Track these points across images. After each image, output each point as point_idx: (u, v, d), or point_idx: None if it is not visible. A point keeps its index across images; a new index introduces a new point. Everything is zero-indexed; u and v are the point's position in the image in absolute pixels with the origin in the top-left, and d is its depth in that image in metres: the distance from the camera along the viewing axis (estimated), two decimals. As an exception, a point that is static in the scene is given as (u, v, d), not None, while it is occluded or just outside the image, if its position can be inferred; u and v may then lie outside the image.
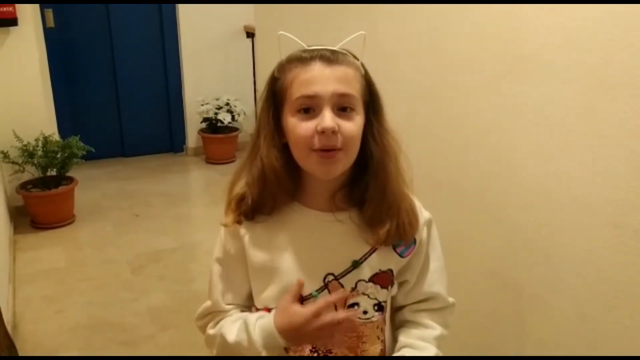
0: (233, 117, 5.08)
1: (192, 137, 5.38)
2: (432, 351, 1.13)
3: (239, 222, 1.09)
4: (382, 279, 1.10)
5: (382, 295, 1.11)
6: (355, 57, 1.05)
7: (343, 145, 0.99)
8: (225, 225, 1.12)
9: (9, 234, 3.58)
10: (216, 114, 5.04)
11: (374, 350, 1.14)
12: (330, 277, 1.07)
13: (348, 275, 1.07)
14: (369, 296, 1.09)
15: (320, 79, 0.99)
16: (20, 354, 2.49)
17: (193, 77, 5.25)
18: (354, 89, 1.01)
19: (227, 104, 5.09)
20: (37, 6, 4.13)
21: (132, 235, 3.81)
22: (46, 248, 3.62)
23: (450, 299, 1.21)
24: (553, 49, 1.30)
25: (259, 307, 1.13)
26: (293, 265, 1.07)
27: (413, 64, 1.78)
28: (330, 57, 1.01)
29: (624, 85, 1.15)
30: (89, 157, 4.05)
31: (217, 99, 5.12)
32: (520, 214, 1.47)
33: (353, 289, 1.08)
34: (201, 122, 5.20)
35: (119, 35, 5.05)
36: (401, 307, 1.20)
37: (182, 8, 5.06)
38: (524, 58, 1.39)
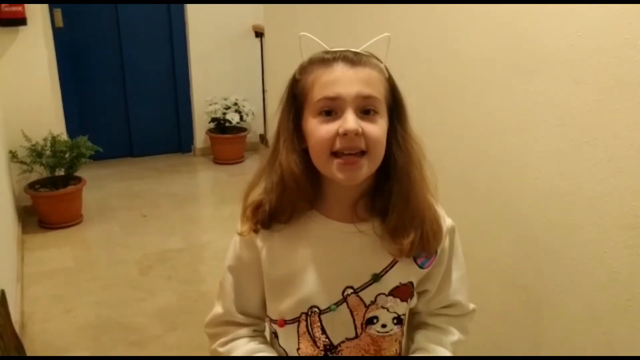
0: (241, 117, 5.08)
1: (200, 137, 5.38)
2: (446, 355, 1.11)
3: (255, 231, 1.04)
4: (402, 292, 1.06)
5: (402, 308, 1.08)
6: (379, 59, 1.01)
7: (367, 148, 0.95)
8: (240, 234, 1.07)
9: (17, 233, 3.59)
10: (224, 114, 5.04)
11: None
12: (350, 291, 1.03)
13: (368, 289, 1.03)
14: (388, 310, 1.05)
15: (343, 81, 0.95)
16: (28, 353, 2.49)
17: (201, 77, 5.25)
18: (378, 92, 0.97)
19: (236, 104, 5.09)
20: (46, 6, 4.14)
21: (140, 235, 3.81)
22: (54, 248, 3.62)
23: (471, 306, 1.18)
24: (567, 48, 1.29)
25: (273, 317, 1.10)
26: (312, 278, 1.03)
27: (424, 63, 1.77)
28: (354, 59, 0.97)
29: (639, 84, 1.13)
30: (97, 157, 4.05)
31: (226, 99, 5.11)
32: (532, 215, 1.45)
33: (372, 303, 1.04)
34: (209, 122, 5.19)
35: (127, 35, 5.05)
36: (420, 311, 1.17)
37: (190, 8, 5.06)
38: (537, 57, 1.37)
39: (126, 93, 5.18)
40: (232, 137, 5.14)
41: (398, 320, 1.08)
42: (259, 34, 5.11)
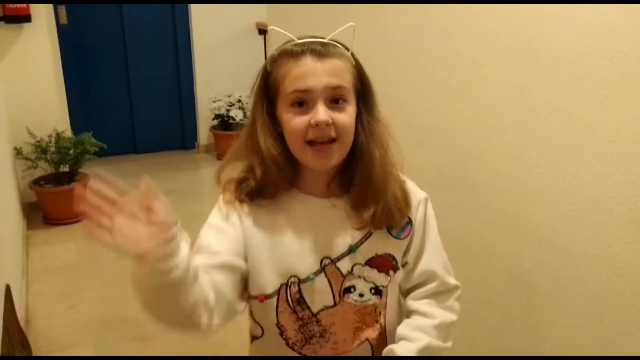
0: (245, 114, 5.08)
1: (204, 134, 5.39)
2: (424, 341, 1.10)
3: (240, 201, 1.10)
4: (380, 262, 1.11)
5: (381, 279, 1.12)
6: (346, 47, 1.06)
7: (337, 135, 1.02)
8: (228, 202, 1.11)
9: (22, 229, 3.60)
10: (228, 110, 5.05)
11: (372, 333, 1.15)
12: (327, 261, 1.09)
13: (344, 259, 1.09)
14: (365, 279, 1.11)
15: (313, 74, 1.01)
16: (33, 349, 2.51)
17: (205, 74, 5.25)
18: (346, 81, 1.04)
19: (239, 101, 5.09)
20: (50, 3, 4.15)
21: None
22: (58, 244, 3.63)
23: (452, 281, 1.18)
24: (569, 43, 1.29)
25: (253, 293, 1.11)
26: (292, 249, 1.09)
27: (425, 60, 1.77)
28: (321, 51, 1.03)
29: (642, 80, 1.13)
30: (101, 154, 4.07)
31: (229, 96, 5.12)
32: (535, 212, 1.46)
33: (349, 272, 1.10)
34: (213, 119, 5.20)
35: (131, 33, 5.06)
36: (406, 296, 1.19)
37: (194, 5, 5.07)
38: (539, 53, 1.37)
39: (130, 90, 5.19)
40: (235, 133, 5.10)
41: (376, 291, 1.12)
42: (263, 31, 5.11)
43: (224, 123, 5.12)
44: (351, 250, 1.09)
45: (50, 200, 3.87)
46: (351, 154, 1.08)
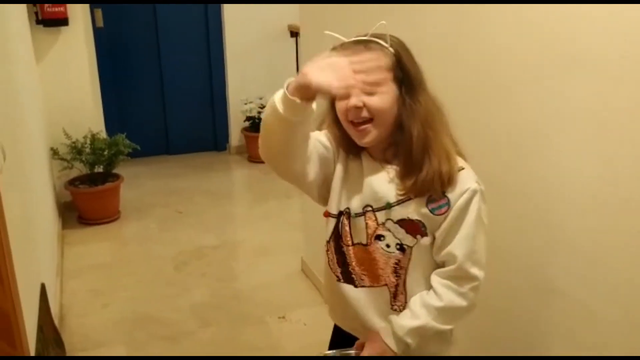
0: (276, 116, 5.10)
1: (235, 136, 5.43)
2: (421, 321, 1.27)
3: (337, 145, 1.36)
4: (409, 226, 1.28)
5: (408, 240, 1.29)
6: (385, 42, 1.25)
7: (372, 116, 1.22)
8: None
9: (57, 228, 3.68)
10: (259, 112, 5.07)
11: (388, 278, 1.33)
12: (369, 208, 1.31)
13: (381, 212, 1.30)
14: (393, 234, 1.29)
15: None
16: (67, 346, 2.55)
17: (237, 76, 5.29)
18: (379, 71, 1.22)
19: (271, 103, 5.11)
20: (87, 6, 4.23)
21: (175, 232, 3.86)
22: (93, 243, 3.70)
23: (473, 271, 1.26)
24: (605, 45, 1.26)
25: (326, 209, 1.39)
26: (351, 190, 1.34)
27: (457, 63, 1.75)
28: (367, 44, 1.25)
29: (683, 85, 1.10)
30: (134, 155, 4.13)
31: (261, 98, 5.14)
32: (567, 218, 1.43)
33: (382, 224, 1.30)
34: (244, 121, 5.24)
35: (165, 35, 5.13)
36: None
37: (227, 8, 5.11)
38: (573, 55, 1.34)
39: (163, 92, 5.26)
40: (267, 135, 5.16)
41: (401, 248, 1.30)
42: (295, 33, 5.12)
43: (255, 125, 5.14)
44: (387, 207, 1.28)
45: (85, 200, 3.95)
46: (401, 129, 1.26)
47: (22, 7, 3.52)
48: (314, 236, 3.14)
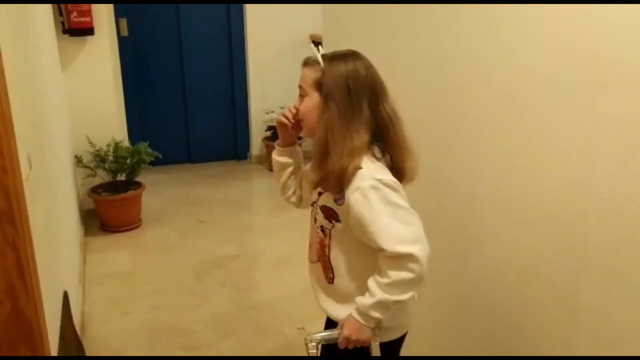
0: (297, 126, 5.11)
1: (256, 145, 5.44)
2: (377, 296, 1.44)
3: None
4: (327, 212, 1.52)
5: (326, 223, 1.54)
6: (319, 62, 1.49)
7: (301, 116, 1.54)
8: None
9: (80, 235, 3.70)
10: (280, 122, 5.07)
11: (320, 255, 1.59)
12: (316, 197, 1.57)
13: (316, 199, 1.57)
14: (320, 218, 1.55)
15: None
16: (87, 354, 2.56)
17: (259, 86, 5.31)
18: (305, 83, 1.51)
19: (293, 113, 5.12)
20: (112, 15, 4.28)
21: (195, 240, 3.87)
22: (114, 251, 3.72)
23: (403, 249, 1.40)
24: (637, 63, 1.23)
25: None
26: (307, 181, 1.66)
27: (484, 77, 1.73)
28: (306, 62, 1.54)
29: None
30: (156, 163, 4.15)
31: (282, 108, 5.13)
32: (596, 238, 1.39)
33: (316, 209, 1.57)
34: (266, 131, 5.25)
35: (188, 45, 5.17)
36: None
37: (249, 18, 5.14)
38: (605, 72, 1.32)
39: (186, 101, 5.29)
40: (288, 145, 5.16)
41: (322, 229, 1.56)
42: (317, 43, 5.12)
43: (276, 135, 5.12)
44: (319, 195, 1.55)
45: (107, 207, 3.97)
46: None
47: (50, 17, 3.57)
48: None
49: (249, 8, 5.13)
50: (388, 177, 1.44)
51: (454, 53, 1.84)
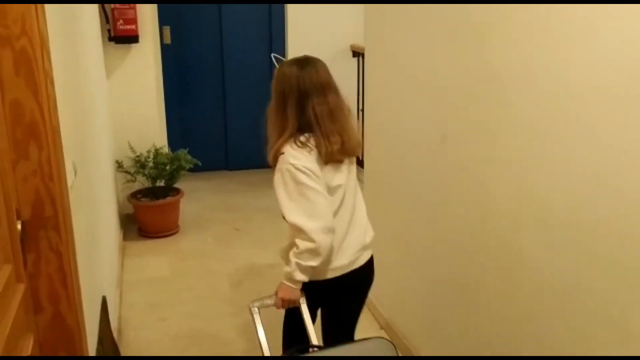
0: (335, 136, 5.08)
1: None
2: (292, 265, 1.81)
3: None
4: None
5: None
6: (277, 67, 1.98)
7: None
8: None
9: (119, 240, 3.75)
10: (319, 131, 5.06)
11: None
12: None
13: None
14: None
15: None
16: None
17: (298, 95, 5.30)
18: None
19: (330, 123, 5.10)
20: (156, 23, 4.34)
21: (232, 248, 3.87)
22: (152, 256, 3.75)
23: (297, 222, 1.77)
24: None
25: None
26: None
27: (531, 90, 1.68)
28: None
29: None
30: (194, 169, 4.18)
31: (321, 117, 5.14)
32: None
33: None
34: (304, 139, 5.24)
35: (229, 53, 5.21)
36: None
37: (291, 27, 5.15)
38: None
39: (225, 108, 5.33)
40: (325, 154, 5.15)
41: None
42: (357, 53, 5.12)
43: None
44: None
45: (146, 213, 4.02)
46: None
47: (97, 25, 3.63)
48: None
49: (290, 17, 5.14)
50: (301, 162, 1.79)
51: (501, 65, 1.80)
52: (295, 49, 5.20)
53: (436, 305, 2.38)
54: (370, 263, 2.04)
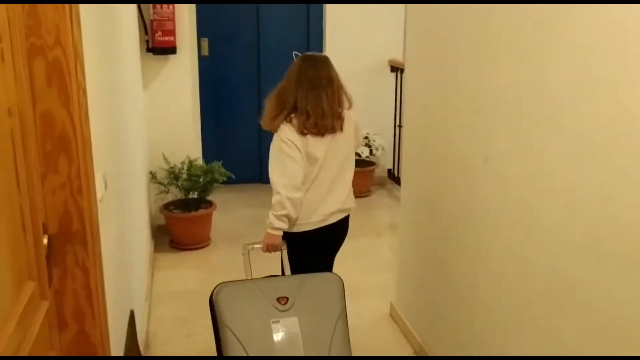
0: (371, 151, 5.02)
1: (328, 169, 5.37)
2: (270, 216, 2.42)
3: None
4: None
5: None
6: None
7: None
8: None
9: (150, 251, 3.73)
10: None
11: None
12: None
13: None
14: None
15: None
16: (150, 375, 2.53)
17: (334, 109, 5.25)
18: None
19: (366, 138, 5.04)
20: (194, 35, 4.34)
21: (262, 264, 3.81)
22: (182, 269, 3.72)
23: (274, 178, 2.43)
24: None
25: None
26: None
27: (585, 116, 1.58)
28: None
29: None
30: (227, 181, 4.15)
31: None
32: None
33: None
34: (338, 154, 5.17)
35: (266, 66, 5.19)
36: None
37: (329, 41, 5.11)
38: None
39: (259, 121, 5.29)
40: (360, 170, 5.05)
41: None
42: (395, 68, 5.05)
43: (348, 159, 5.07)
44: None
45: (178, 225, 3.99)
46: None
47: (136, 36, 3.64)
48: (406, 279, 3.00)
49: (328, 31, 5.11)
50: (286, 135, 2.36)
51: (554, 85, 1.71)
52: (332, 62, 5.15)
53: (474, 332, 2.28)
54: (343, 221, 2.59)
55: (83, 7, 1.48)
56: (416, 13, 2.80)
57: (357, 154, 4.94)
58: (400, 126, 5.08)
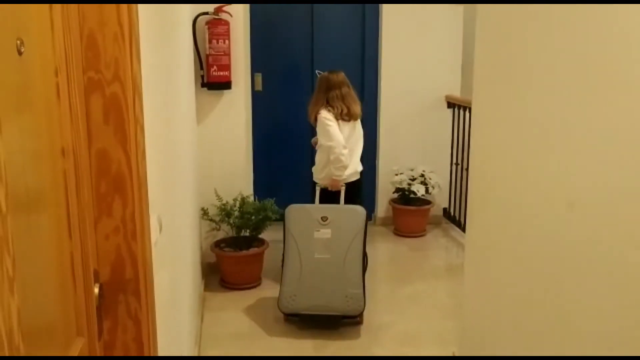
0: (427, 190, 4.84)
1: (382, 207, 5.21)
2: (329, 167, 3.77)
3: None
4: None
5: None
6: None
7: None
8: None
9: (200, 291, 3.62)
10: (410, 184, 4.84)
11: None
12: None
13: None
14: None
15: None
16: None
17: (389, 146, 5.12)
18: None
19: (422, 176, 4.87)
20: (248, 70, 4.31)
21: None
22: (233, 310, 3.59)
23: (328, 142, 3.67)
24: None
25: None
26: None
27: None
28: None
29: None
30: (280, 218, 4.02)
31: (412, 170, 4.92)
32: None
33: None
34: (393, 192, 5.01)
35: (319, 101, 5.10)
36: None
37: (384, 78, 5.01)
38: None
39: (313, 158, 5.18)
40: (415, 209, 4.90)
41: None
42: (452, 104, 4.90)
43: (404, 197, 4.91)
44: None
45: (229, 263, 3.89)
46: None
47: (192, 71, 3.61)
48: (470, 327, 2.79)
49: (384, 69, 5.01)
50: (325, 115, 3.61)
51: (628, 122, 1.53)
52: (387, 99, 5.06)
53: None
54: (359, 180, 3.86)
55: (142, 39, 1.39)
56: (487, 45, 2.66)
57: (413, 192, 4.79)
58: (457, 164, 4.91)
